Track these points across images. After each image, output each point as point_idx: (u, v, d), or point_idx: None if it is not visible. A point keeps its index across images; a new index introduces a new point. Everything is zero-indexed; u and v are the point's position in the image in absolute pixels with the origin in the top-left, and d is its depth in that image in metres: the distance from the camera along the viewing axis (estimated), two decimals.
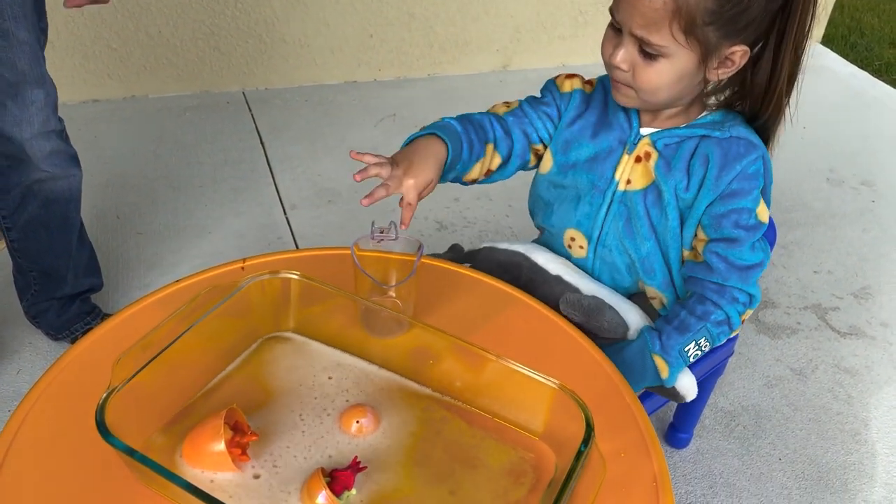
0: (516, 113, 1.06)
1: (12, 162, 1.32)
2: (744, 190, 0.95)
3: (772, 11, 0.88)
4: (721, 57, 0.89)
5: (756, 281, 0.99)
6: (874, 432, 1.53)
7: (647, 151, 0.99)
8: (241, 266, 1.00)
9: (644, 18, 0.86)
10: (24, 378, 1.52)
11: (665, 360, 0.98)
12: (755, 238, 0.97)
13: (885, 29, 3.55)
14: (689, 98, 0.96)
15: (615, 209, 1.02)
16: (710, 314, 0.97)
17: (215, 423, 0.70)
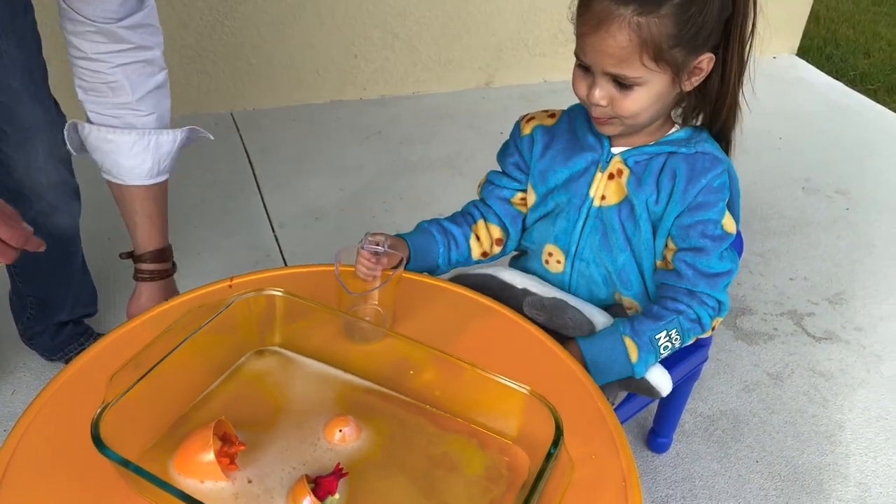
0: (485, 186, 1.16)
1: (14, 196, 1.30)
2: (709, 202, 1.00)
3: (724, 20, 0.94)
4: (690, 69, 0.95)
5: (724, 288, 1.04)
6: (848, 433, 1.58)
7: (619, 168, 1.04)
8: (229, 284, 1.04)
9: (614, 58, 0.91)
10: (20, 398, 1.55)
11: (635, 342, 1.01)
12: (722, 247, 1.02)
13: (860, 40, 3.64)
14: (666, 112, 1.01)
15: (591, 224, 1.07)
16: (682, 311, 1.02)
17: (205, 435, 0.74)
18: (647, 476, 1.46)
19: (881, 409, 1.65)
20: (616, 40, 0.89)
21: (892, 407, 1.65)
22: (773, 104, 2.92)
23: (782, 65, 3.27)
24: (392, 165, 2.39)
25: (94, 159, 1.16)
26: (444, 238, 1.12)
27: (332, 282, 0.94)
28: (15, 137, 1.25)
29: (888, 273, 2.05)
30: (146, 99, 1.14)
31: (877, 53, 3.51)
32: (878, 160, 2.59)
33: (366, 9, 2.58)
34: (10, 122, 1.24)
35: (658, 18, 0.88)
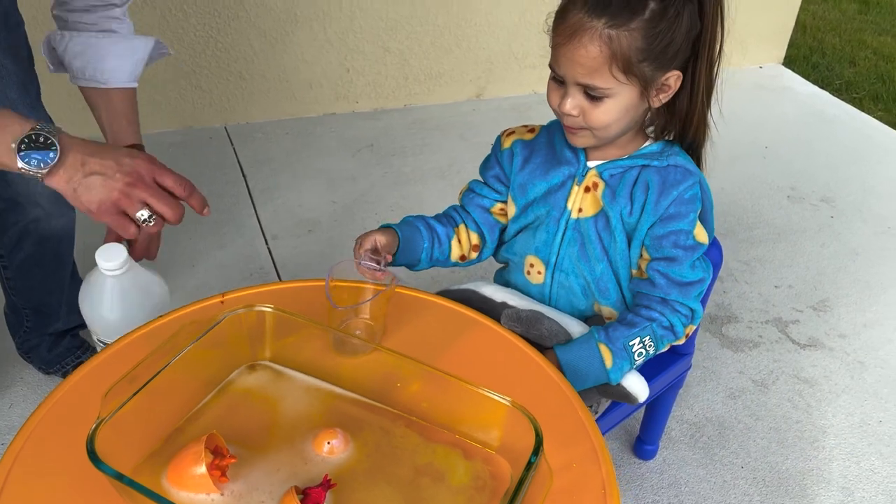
0: (467, 194, 1.20)
1: (9, 204, 1.37)
2: (681, 213, 1.03)
3: (693, 38, 0.98)
4: (658, 85, 0.98)
5: (696, 297, 1.07)
6: (831, 439, 1.61)
7: (594, 182, 1.07)
8: (221, 300, 1.07)
9: (585, 68, 0.95)
10: (17, 412, 1.58)
11: (609, 348, 1.04)
12: (694, 257, 1.05)
13: (846, 48, 3.69)
14: (637, 126, 1.05)
15: (569, 235, 1.10)
16: (655, 318, 1.05)
17: (197, 448, 0.77)
18: (634, 483, 1.49)
19: (864, 414, 1.68)
20: (588, 51, 0.93)
21: (874, 413, 1.68)
22: (759, 113, 2.96)
23: (769, 74, 3.32)
24: (384, 177, 2.42)
25: (75, 68, 1.19)
26: (430, 234, 1.16)
27: (324, 296, 0.97)
28: None
29: (871, 281, 2.08)
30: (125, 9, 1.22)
31: (862, 62, 3.56)
32: (863, 168, 2.63)
33: (357, 24, 2.62)
34: None
35: (628, 32, 0.92)
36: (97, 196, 0.92)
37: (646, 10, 0.93)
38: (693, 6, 0.96)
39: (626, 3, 0.93)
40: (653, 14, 0.93)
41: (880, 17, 4.11)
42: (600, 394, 1.11)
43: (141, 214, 0.96)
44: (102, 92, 1.20)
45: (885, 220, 2.34)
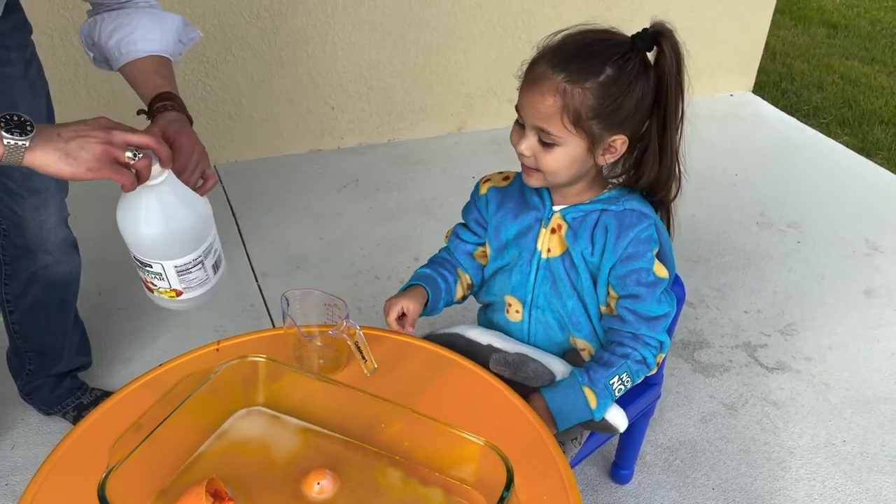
0: (451, 238, 1.32)
1: (22, 252, 1.46)
2: (639, 253, 1.13)
3: (646, 107, 1.09)
4: (605, 145, 1.09)
5: (664, 329, 1.16)
6: (798, 459, 1.70)
7: (559, 224, 1.18)
8: (216, 348, 1.15)
9: (540, 114, 1.06)
10: (19, 453, 1.64)
11: (593, 390, 1.13)
12: (657, 292, 1.14)
13: (814, 74, 3.82)
14: (587, 178, 1.15)
15: (542, 274, 1.20)
16: (629, 355, 1.14)
17: (198, 492, 0.84)
18: None
19: (829, 435, 1.77)
20: (544, 98, 1.05)
21: (839, 433, 1.77)
22: (729, 141, 3.07)
23: (739, 101, 3.44)
24: (369, 212, 2.51)
25: (110, 48, 1.22)
26: (446, 286, 1.28)
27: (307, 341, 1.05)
28: (31, 201, 1.39)
29: (836, 304, 2.18)
30: None
31: (829, 87, 3.69)
32: (829, 193, 2.74)
33: (341, 64, 2.72)
34: (27, 189, 1.38)
35: (582, 90, 1.04)
36: (89, 154, 0.92)
37: (601, 74, 1.04)
38: (648, 82, 1.07)
39: (584, 65, 1.05)
40: (607, 79, 1.04)
41: (848, 40, 4.25)
42: (584, 427, 1.20)
43: (129, 154, 0.95)
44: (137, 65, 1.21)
45: (849, 244, 2.44)
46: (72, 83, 2.45)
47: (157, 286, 1.08)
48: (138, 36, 1.21)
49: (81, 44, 1.29)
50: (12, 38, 1.29)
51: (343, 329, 1.07)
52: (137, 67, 1.22)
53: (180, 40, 1.29)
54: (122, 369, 1.86)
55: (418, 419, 0.93)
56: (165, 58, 1.24)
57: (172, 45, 1.26)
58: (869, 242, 2.46)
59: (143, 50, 1.21)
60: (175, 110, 1.18)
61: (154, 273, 1.06)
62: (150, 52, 1.22)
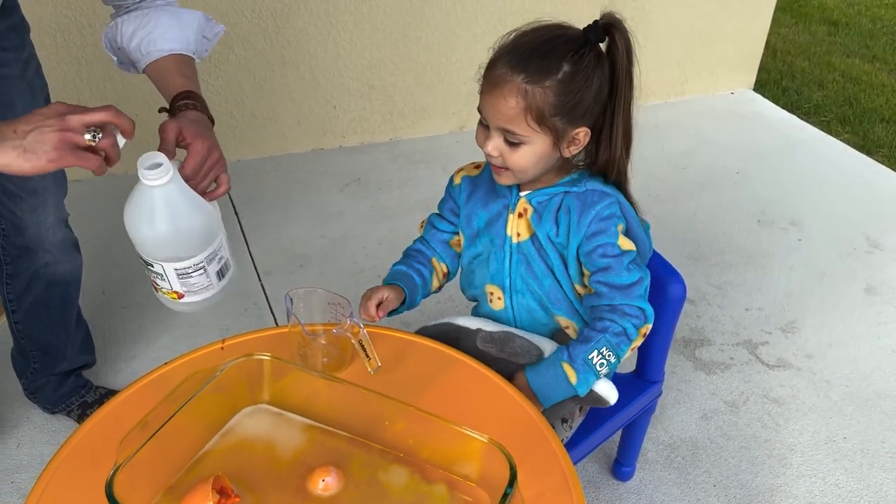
0: (427, 228, 1.34)
1: (23, 251, 1.47)
2: (601, 229, 1.15)
3: (604, 97, 1.11)
4: (569, 138, 1.11)
5: (641, 297, 1.16)
6: (798, 456, 1.71)
7: (525, 208, 1.20)
8: (221, 346, 1.16)
9: (504, 116, 1.08)
10: (24, 451, 1.65)
11: (572, 366, 1.15)
12: (625, 262, 1.15)
13: (815, 72, 3.83)
14: (556, 167, 1.17)
15: (515, 258, 1.22)
16: (608, 328, 1.15)
17: (204, 489, 0.85)
18: (613, 503, 1.58)
19: (830, 432, 1.77)
20: (507, 101, 1.07)
21: (840, 430, 1.78)
22: (730, 140, 3.08)
23: (739, 100, 3.44)
24: (371, 211, 2.52)
25: (132, 49, 1.21)
26: (422, 280, 1.30)
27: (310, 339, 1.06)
28: (29, 202, 1.40)
29: (837, 302, 2.19)
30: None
31: (830, 85, 3.69)
32: (829, 191, 2.75)
33: (343, 63, 2.73)
34: (26, 189, 1.39)
35: (542, 89, 1.06)
36: (47, 145, 0.90)
37: (559, 72, 1.07)
38: (603, 72, 1.09)
39: (542, 65, 1.07)
40: (565, 75, 1.07)
41: (849, 38, 4.25)
42: (574, 402, 1.21)
43: (87, 136, 0.93)
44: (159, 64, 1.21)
45: (850, 242, 2.45)
46: (74, 83, 2.45)
47: (160, 286, 1.09)
48: (157, 35, 1.20)
49: (105, 49, 1.28)
50: (9, 38, 1.29)
51: (347, 327, 1.08)
52: (159, 67, 1.22)
53: (204, 36, 1.28)
54: (127, 368, 1.87)
55: (422, 416, 0.94)
56: (187, 56, 1.23)
57: (194, 43, 1.25)
58: (870, 240, 2.47)
59: (164, 49, 1.21)
60: (196, 109, 1.17)
61: (156, 273, 1.06)
62: (171, 50, 1.21)
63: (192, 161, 1.07)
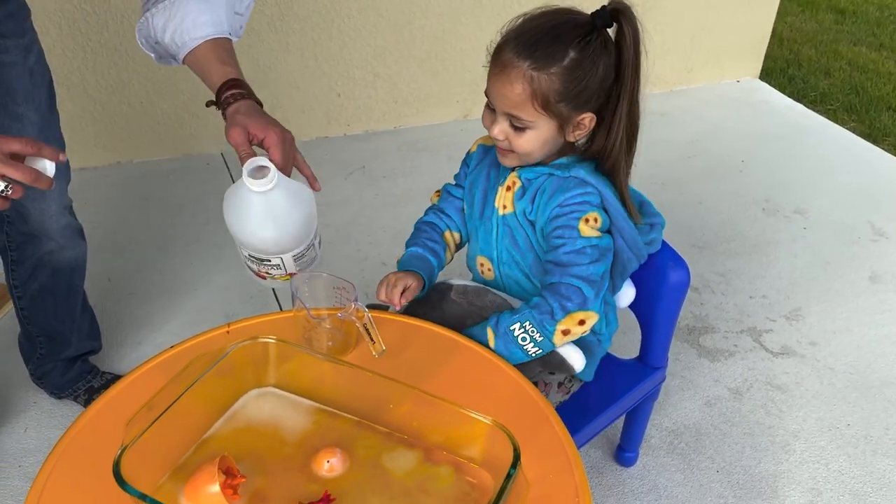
0: (443, 196, 1.35)
1: (27, 238, 1.47)
2: (564, 213, 1.15)
3: (607, 86, 1.11)
4: (574, 123, 1.12)
5: (581, 278, 1.13)
6: (802, 442, 1.71)
7: (514, 181, 1.21)
8: (227, 330, 1.16)
9: (510, 101, 1.09)
10: (31, 435, 1.66)
11: (494, 332, 1.17)
12: (576, 245, 1.14)
13: (822, 60, 3.81)
14: (556, 152, 1.18)
15: (501, 231, 1.24)
16: (537, 305, 1.16)
17: (210, 469, 0.86)
18: (616, 489, 1.59)
19: (833, 418, 1.78)
20: (513, 87, 1.08)
21: (843, 417, 1.78)
22: (735, 128, 3.07)
23: (745, 88, 3.43)
24: (376, 199, 2.52)
25: (167, 42, 1.19)
26: (437, 261, 1.31)
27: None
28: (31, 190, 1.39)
29: (841, 289, 2.18)
30: None
31: (837, 73, 3.67)
32: (834, 179, 2.74)
33: (347, 51, 2.73)
34: None
35: (548, 75, 1.07)
36: None
37: (565, 58, 1.07)
38: (609, 59, 1.09)
39: (548, 51, 1.07)
40: (571, 62, 1.07)
41: (856, 26, 4.23)
42: (541, 366, 1.22)
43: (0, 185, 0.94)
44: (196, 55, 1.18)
45: (854, 230, 2.45)
46: (80, 70, 2.46)
47: (272, 274, 1.12)
48: (189, 24, 1.17)
49: (142, 47, 1.26)
50: (7, 26, 1.29)
51: (352, 311, 1.08)
52: (197, 58, 1.19)
53: (236, 12, 1.24)
54: (133, 353, 1.88)
55: (427, 399, 0.94)
56: (223, 39, 1.20)
57: (227, 22, 1.21)
58: (875, 228, 2.46)
59: (197, 37, 1.17)
60: (243, 98, 1.16)
61: (272, 265, 1.11)
62: (205, 37, 1.18)
63: (276, 153, 1.09)
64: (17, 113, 1.33)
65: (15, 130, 1.33)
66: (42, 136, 1.37)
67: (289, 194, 1.06)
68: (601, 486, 1.59)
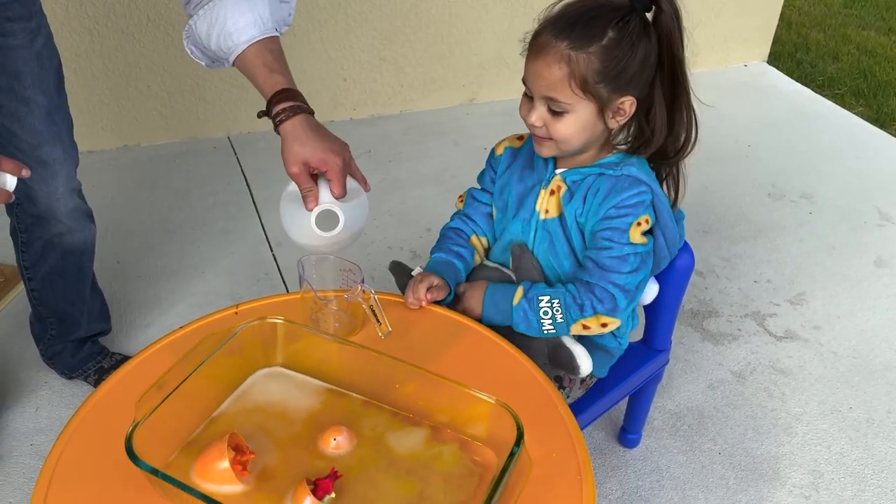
0: (468, 201, 1.34)
1: (36, 220, 1.49)
2: (620, 214, 1.15)
3: (650, 66, 1.10)
4: (614, 108, 1.11)
5: (619, 286, 1.14)
6: (804, 425, 1.72)
7: (558, 185, 1.20)
8: (235, 312, 1.18)
9: (548, 83, 1.08)
10: (43, 414, 1.69)
11: (523, 289, 1.17)
12: (623, 251, 1.14)
13: (830, 44, 3.78)
14: (596, 146, 1.17)
15: (540, 235, 1.23)
16: (571, 293, 1.16)
17: (220, 446, 0.88)
18: (618, 469, 1.60)
19: (836, 402, 1.79)
20: (550, 67, 1.07)
21: (846, 400, 1.79)
22: (743, 112, 3.06)
23: (753, 72, 3.42)
24: (382, 183, 2.53)
25: (213, 47, 1.18)
26: (463, 265, 1.29)
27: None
28: (39, 172, 1.41)
29: (846, 274, 2.19)
30: None
31: (845, 57, 3.65)
32: (841, 164, 2.73)
33: (353, 35, 2.72)
34: (36, 160, 1.40)
35: (586, 55, 1.06)
36: None
37: (604, 37, 1.06)
38: (650, 42, 1.08)
39: (586, 30, 1.07)
40: (610, 41, 1.06)
41: (865, 10, 4.19)
42: (548, 359, 1.22)
43: None
44: (243, 60, 1.16)
45: (861, 215, 2.44)
46: (87, 54, 2.47)
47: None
48: (231, 27, 1.14)
49: (191, 54, 1.23)
50: (14, 9, 1.29)
51: (358, 293, 1.10)
52: (244, 63, 1.16)
53: (281, 1, 1.21)
54: (142, 335, 1.90)
55: (432, 379, 0.96)
56: (267, 39, 1.16)
57: (270, 18, 1.17)
58: (881, 213, 2.46)
59: (242, 42, 1.14)
60: (295, 114, 1.14)
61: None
62: (249, 40, 1.14)
63: (337, 186, 1.12)
64: (24, 96, 1.34)
65: (23, 114, 1.35)
66: (50, 119, 1.38)
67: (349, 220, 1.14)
68: (604, 467, 1.60)
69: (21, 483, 1.54)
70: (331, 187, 1.14)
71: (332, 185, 1.14)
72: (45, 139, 1.39)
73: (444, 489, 0.91)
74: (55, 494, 0.88)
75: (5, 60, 1.30)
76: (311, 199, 1.13)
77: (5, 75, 1.31)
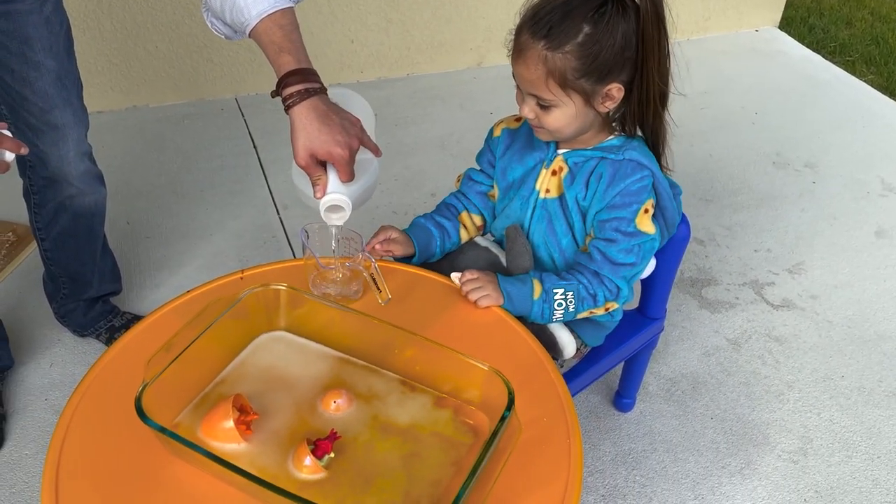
0: (464, 181, 1.36)
1: (48, 182, 1.53)
2: (625, 203, 1.16)
3: (632, 48, 1.09)
4: (602, 95, 1.12)
5: (625, 279, 1.19)
6: (796, 392, 1.76)
7: (560, 166, 1.22)
8: (241, 276, 1.22)
9: (529, 82, 1.10)
10: (56, 370, 1.75)
11: (540, 282, 1.18)
12: (631, 243, 1.17)
13: (844, 9, 3.73)
14: (595, 127, 1.19)
15: (538, 213, 1.25)
16: (583, 283, 1.19)
17: (225, 406, 0.92)
18: (612, 432, 1.65)
19: (829, 370, 1.83)
20: (529, 68, 1.09)
21: (838, 369, 1.83)
22: (750, 79, 3.04)
23: (764, 38, 3.38)
24: (387, 147, 2.50)
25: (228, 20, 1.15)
26: (440, 232, 1.32)
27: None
28: (50, 135, 1.44)
29: (846, 244, 2.21)
30: None
31: (858, 23, 3.60)
32: (847, 133, 2.73)
33: None
34: (47, 123, 1.43)
35: (563, 55, 1.06)
36: None
37: (579, 34, 1.06)
38: (629, 24, 1.07)
39: (561, 28, 1.06)
40: (585, 38, 1.06)
41: None
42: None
43: None
44: (256, 36, 1.14)
45: (864, 185, 2.45)
46: (95, 14, 2.47)
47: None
48: (241, 1, 1.11)
49: (211, 28, 1.22)
50: None
51: (359, 261, 1.13)
52: (257, 39, 1.14)
53: None
54: (152, 295, 1.95)
55: (429, 345, 1.00)
56: (279, 13, 1.12)
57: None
58: (885, 183, 2.46)
59: (254, 16, 1.11)
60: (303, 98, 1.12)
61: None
62: (260, 14, 1.11)
63: (344, 173, 1.13)
64: (34, 61, 1.36)
65: (33, 78, 1.37)
66: (60, 83, 1.41)
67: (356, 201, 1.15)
68: (598, 430, 1.65)
69: (36, 436, 1.61)
70: (339, 174, 1.15)
71: (340, 173, 1.14)
72: (55, 103, 1.42)
73: (438, 450, 0.96)
74: (70, 448, 0.93)
75: (15, 26, 1.32)
76: (319, 188, 1.14)
77: (16, 40, 1.33)
